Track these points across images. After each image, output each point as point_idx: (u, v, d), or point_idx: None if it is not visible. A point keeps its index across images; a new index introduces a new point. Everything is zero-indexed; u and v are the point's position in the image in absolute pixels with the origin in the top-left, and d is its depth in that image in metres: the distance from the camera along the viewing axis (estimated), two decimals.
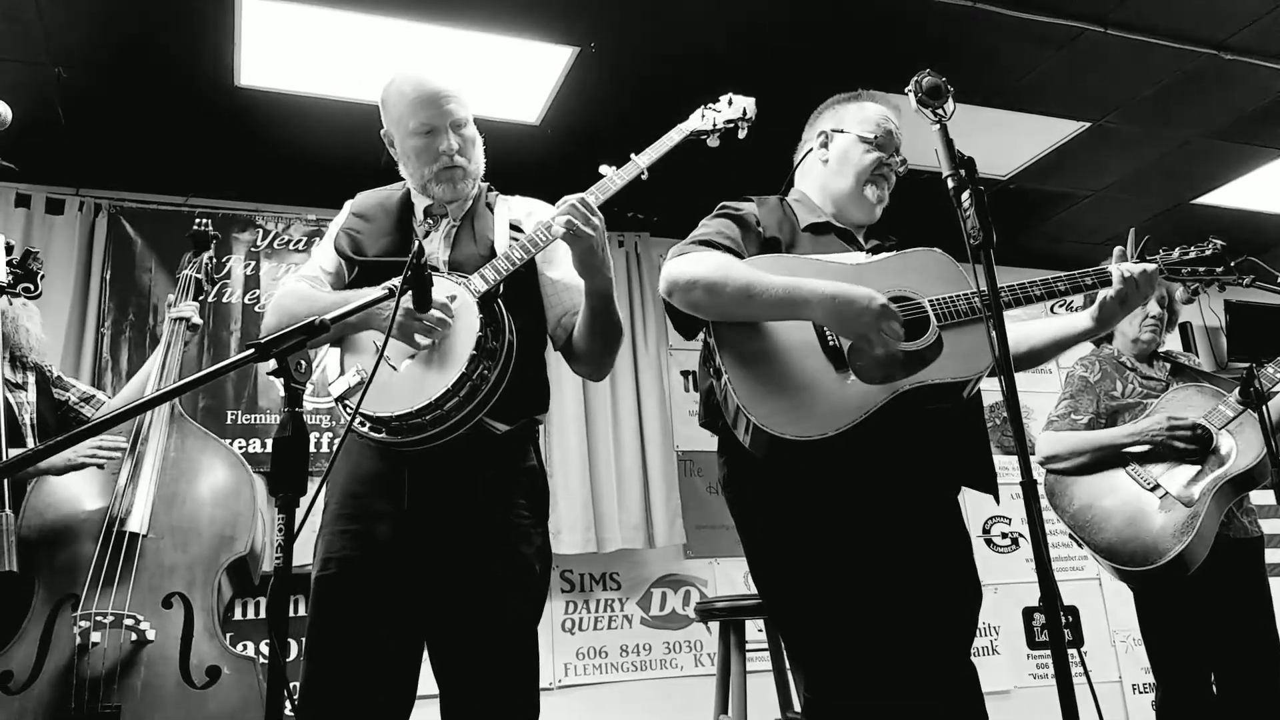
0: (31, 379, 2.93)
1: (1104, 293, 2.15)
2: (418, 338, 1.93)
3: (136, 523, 2.64)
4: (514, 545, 2.02)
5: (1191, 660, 3.18)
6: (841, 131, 2.28)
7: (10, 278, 2.40)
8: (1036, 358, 2.33)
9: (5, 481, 1.36)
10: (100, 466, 2.68)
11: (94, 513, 2.66)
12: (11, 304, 2.77)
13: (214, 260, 3.18)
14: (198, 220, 3.22)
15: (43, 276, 2.52)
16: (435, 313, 1.89)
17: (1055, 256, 5.88)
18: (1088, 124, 4.50)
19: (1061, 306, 5.25)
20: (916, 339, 1.96)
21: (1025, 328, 2.32)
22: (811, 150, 2.33)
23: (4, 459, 1.44)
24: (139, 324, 4.37)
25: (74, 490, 2.71)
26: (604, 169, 2.12)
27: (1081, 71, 4.05)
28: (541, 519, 2.11)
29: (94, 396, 3.09)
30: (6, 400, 2.79)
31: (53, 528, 2.63)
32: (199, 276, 3.13)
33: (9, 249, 1.74)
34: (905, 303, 2.00)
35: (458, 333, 1.94)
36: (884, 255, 2.13)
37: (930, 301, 2.01)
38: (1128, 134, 4.60)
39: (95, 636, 2.43)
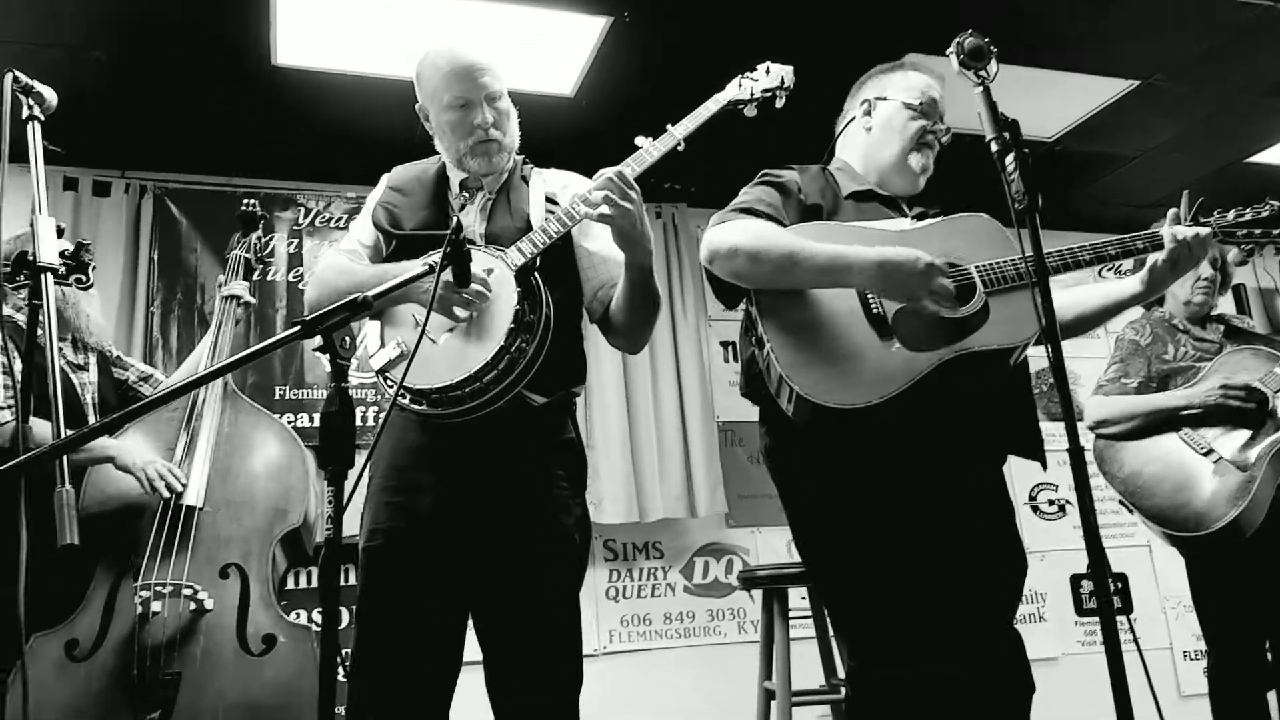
0: (93, 360, 3.01)
1: (1154, 256, 2.11)
2: (456, 311, 1.95)
3: (193, 496, 2.70)
4: (554, 516, 2.04)
5: (1245, 627, 3.14)
6: (885, 99, 2.25)
7: (63, 268, 2.46)
8: (1084, 324, 2.29)
9: (65, 459, 1.39)
10: (147, 489, 2.71)
11: (152, 494, 2.71)
12: (67, 291, 2.84)
13: (262, 239, 3.22)
14: (245, 201, 3.25)
15: (94, 268, 2.58)
16: (474, 286, 1.90)
17: (1103, 219, 5.77)
18: (1136, 82, 4.39)
19: (1110, 271, 5.17)
20: (963, 305, 1.94)
21: (1072, 294, 2.29)
22: (854, 119, 2.31)
23: (63, 436, 1.48)
24: (187, 303, 4.44)
25: None
26: (640, 140, 2.11)
27: (1129, 28, 3.95)
28: (580, 490, 2.13)
29: (151, 375, 3.18)
30: (69, 380, 2.86)
31: (113, 502, 2.71)
32: (248, 256, 3.18)
33: (60, 231, 1.77)
34: (952, 269, 1.98)
35: (496, 306, 1.95)
36: (929, 221, 2.10)
37: (976, 268, 1.98)
38: (1178, 92, 4.48)
39: (156, 606, 2.51)
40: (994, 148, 1.71)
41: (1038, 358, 1.90)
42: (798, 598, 3.73)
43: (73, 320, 2.95)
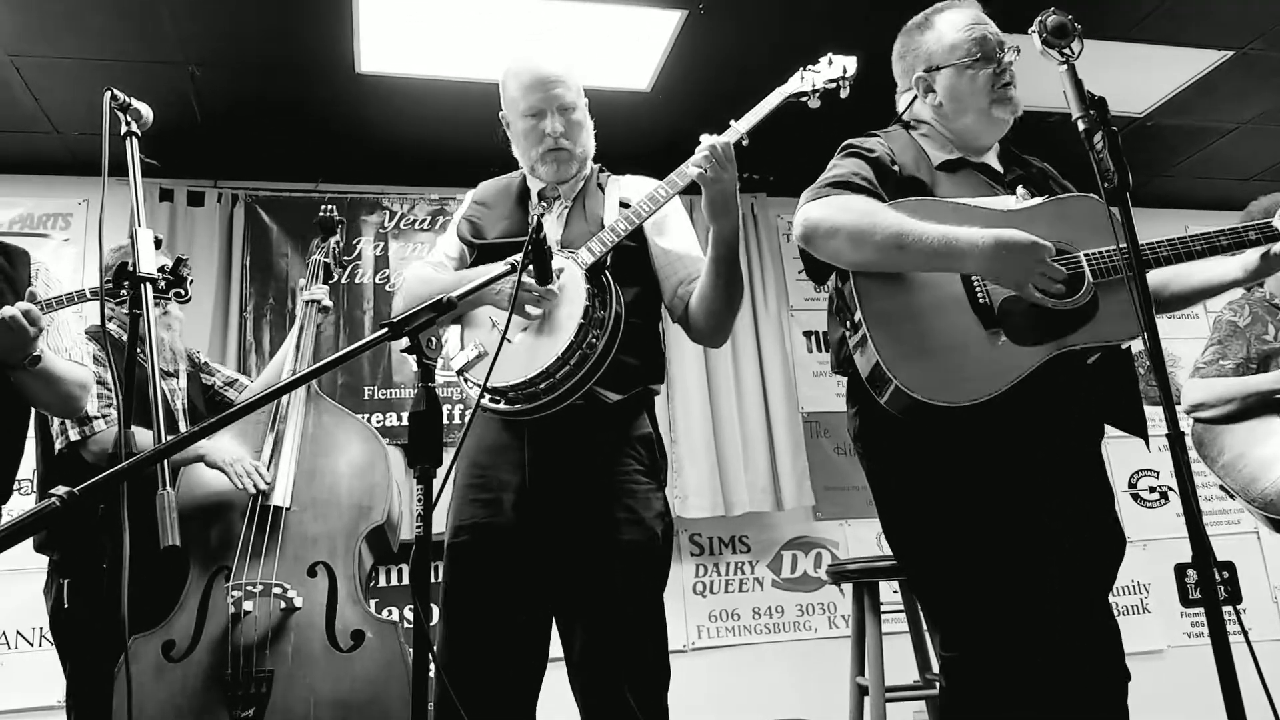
0: (183, 367, 3.10)
1: (1272, 247, 1.99)
2: (528, 309, 2.00)
3: (280, 497, 2.76)
4: (635, 511, 2.05)
5: None
6: (936, 69, 2.12)
7: (163, 282, 2.55)
8: (1180, 302, 2.19)
9: (166, 462, 1.44)
10: (236, 485, 2.75)
11: (241, 490, 2.79)
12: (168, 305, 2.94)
13: (340, 244, 3.30)
14: (324, 207, 3.33)
15: (192, 281, 2.67)
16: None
17: (1201, 195, 5.57)
18: (1230, 52, 4.22)
19: None
20: (1071, 296, 1.87)
21: (1171, 270, 2.18)
22: (915, 99, 2.19)
23: (163, 441, 1.54)
24: (278, 307, 4.57)
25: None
26: (704, 138, 2.10)
27: None
28: (659, 483, 2.14)
29: (237, 380, 3.26)
30: (161, 387, 2.95)
31: (204, 505, 2.78)
32: (327, 261, 3.25)
33: (158, 243, 1.83)
34: (1060, 256, 1.90)
35: (566, 304, 2.00)
36: (1038, 201, 2.00)
37: (1086, 255, 1.91)
38: (1275, 60, 4.30)
39: (248, 605, 2.56)
40: (1081, 126, 1.66)
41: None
42: (889, 591, 3.68)
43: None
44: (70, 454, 2.68)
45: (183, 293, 2.63)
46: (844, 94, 2.26)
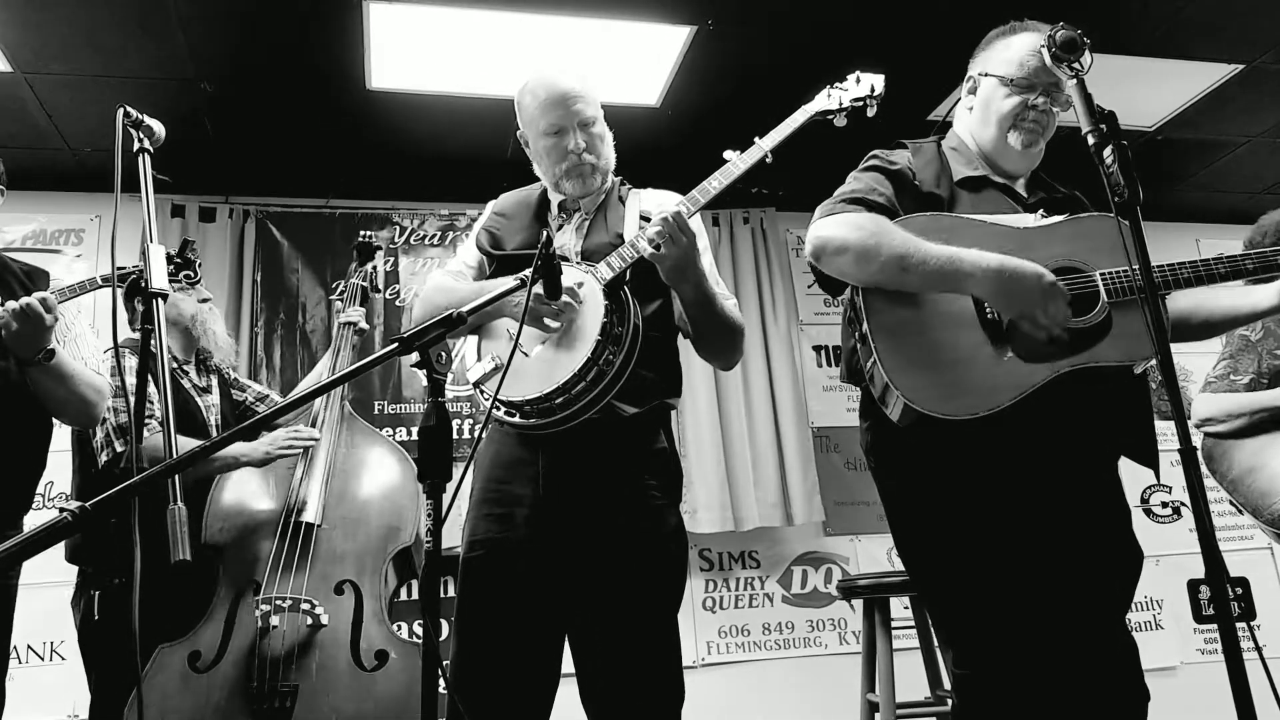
0: (215, 381, 3.11)
1: None
2: (546, 322, 2.00)
3: (311, 514, 2.79)
4: (646, 526, 2.04)
5: None
6: (986, 75, 2.12)
7: (171, 267, 2.56)
8: (1209, 329, 2.12)
9: (177, 477, 1.44)
10: (300, 453, 2.85)
11: (272, 507, 2.83)
12: (200, 307, 2.95)
13: (377, 269, 3.32)
14: (363, 233, 3.37)
15: (200, 264, 2.67)
16: (562, 298, 1.94)
17: (1210, 210, 5.56)
18: (1241, 66, 4.22)
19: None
20: (1084, 314, 1.86)
21: (1199, 294, 2.10)
22: (961, 98, 2.21)
23: (175, 455, 1.55)
24: (289, 322, 4.59)
25: (254, 488, 2.90)
26: (728, 154, 2.11)
27: (1232, 10, 3.80)
28: (674, 499, 2.13)
29: (268, 396, 3.27)
30: (195, 404, 2.95)
31: (236, 523, 2.81)
32: (364, 285, 3.29)
33: (170, 259, 1.85)
34: (1074, 275, 1.89)
35: (584, 319, 1.99)
36: (1055, 220, 1.99)
37: (1101, 275, 1.89)
38: None
39: (275, 620, 2.59)
40: (1091, 140, 1.66)
41: None
42: (900, 607, 3.66)
43: (199, 340, 3.04)
44: (111, 467, 2.68)
45: (192, 274, 2.63)
46: (871, 113, 2.24)
